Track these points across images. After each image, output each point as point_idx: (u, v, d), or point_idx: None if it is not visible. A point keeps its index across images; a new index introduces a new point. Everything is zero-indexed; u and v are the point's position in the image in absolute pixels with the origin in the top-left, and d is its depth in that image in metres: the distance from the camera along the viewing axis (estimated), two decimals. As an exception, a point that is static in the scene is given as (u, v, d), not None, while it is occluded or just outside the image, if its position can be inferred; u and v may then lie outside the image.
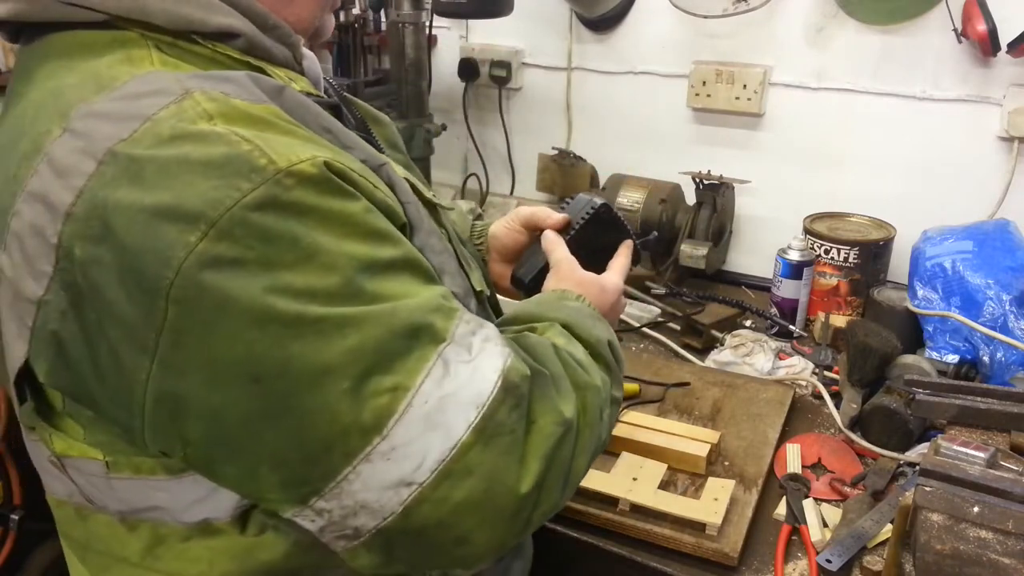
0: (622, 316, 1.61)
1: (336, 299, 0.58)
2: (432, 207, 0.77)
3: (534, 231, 1.01)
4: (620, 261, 0.98)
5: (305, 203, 0.58)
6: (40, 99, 0.64)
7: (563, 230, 0.98)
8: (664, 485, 1.10)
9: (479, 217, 1.12)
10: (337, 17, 2.05)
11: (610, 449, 1.15)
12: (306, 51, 0.75)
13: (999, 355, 1.27)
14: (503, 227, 1.04)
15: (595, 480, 1.08)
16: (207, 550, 0.68)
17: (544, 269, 0.95)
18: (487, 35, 2.02)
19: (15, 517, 1.87)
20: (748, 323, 1.62)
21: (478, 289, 0.80)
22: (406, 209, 0.70)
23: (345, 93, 0.87)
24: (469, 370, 0.62)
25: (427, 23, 1.79)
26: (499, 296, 1.04)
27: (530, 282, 0.97)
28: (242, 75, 0.63)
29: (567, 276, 0.91)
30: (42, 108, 0.63)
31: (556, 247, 0.94)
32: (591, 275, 0.92)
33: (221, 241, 0.55)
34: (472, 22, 2.04)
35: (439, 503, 0.60)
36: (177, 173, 0.56)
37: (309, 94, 0.70)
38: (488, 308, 0.83)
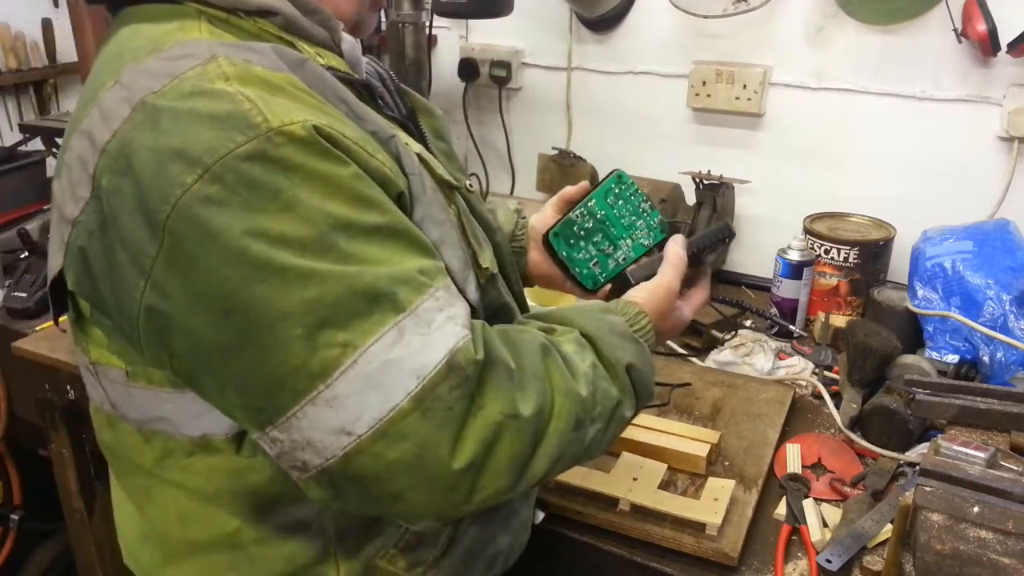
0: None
1: (307, 250, 0.63)
2: (445, 184, 0.81)
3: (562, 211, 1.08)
4: (700, 296, 1.00)
5: (292, 160, 0.64)
6: (107, 58, 0.74)
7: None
8: (664, 485, 1.10)
9: (519, 213, 1.16)
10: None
11: (610, 449, 1.15)
12: (346, 36, 0.82)
13: (999, 355, 1.27)
14: (538, 216, 1.12)
15: (595, 480, 1.09)
16: (206, 466, 0.77)
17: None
18: (487, 35, 2.02)
19: (15, 517, 1.87)
20: (748, 323, 1.62)
21: (484, 266, 0.82)
22: (409, 180, 0.75)
23: (403, 86, 0.96)
24: (422, 342, 0.66)
25: (427, 23, 1.78)
26: (539, 288, 1.12)
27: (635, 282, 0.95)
28: (267, 47, 0.71)
29: (652, 297, 0.91)
30: (106, 64, 0.73)
31: (673, 265, 0.95)
32: (676, 309, 0.94)
33: (213, 184, 0.62)
34: (472, 22, 2.04)
35: (375, 457, 0.65)
36: (187, 123, 0.64)
37: (332, 68, 0.76)
38: (498, 286, 0.86)
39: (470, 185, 0.91)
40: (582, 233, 1.00)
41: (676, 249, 0.98)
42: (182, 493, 0.79)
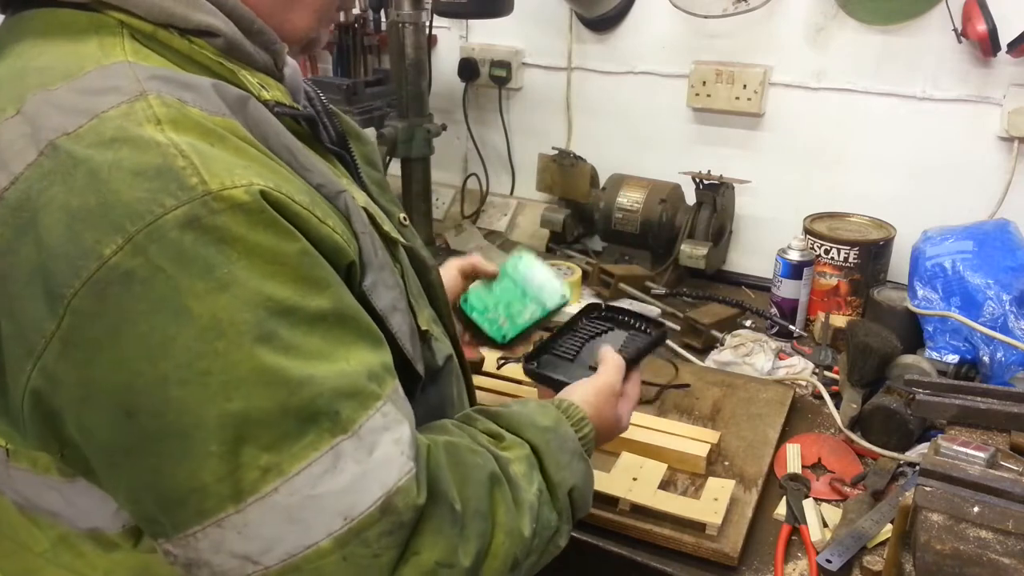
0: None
1: (241, 343, 0.54)
2: (390, 241, 0.73)
3: (468, 278, 1.07)
4: (633, 395, 0.96)
5: (231, 231, 0.54)
6: (5, 76, 0.62)
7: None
8: (664, 485, 1.10)
9: None
10: (337, 17, 2.04)
11: (610, 449, 1.15)
12: (289, 60, 0.73)
13: (999, 355, 1.27)
14: (444, 270, 1.03)
15: (595, 480, 1.08)
16: (106, 562, 0.67)
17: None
18: (487, 35, 2.02)
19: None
20: (748, 323, 1.62)
21: (423, 328, 0.76)
22: (360, 241, 0.66)
23: (331, 107, 0.84)
24: (358, 473, 0.57)
25: (427, 23, 1.78)
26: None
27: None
28: (207, 83, 0.61)
29: (596, 399, 0.88)
30: (3, 86, 0.61)
31: (614, 366, 0.93)
32: (616, 414, 0.91)
33: (135, 257, 0.53)
34: (472, 22, 2.04)
35: None
36: (107, 179, 0.54)
37: (280, 103, 0.67)
38: (432, 346, 0.79)
39: (404, 219, 0.84)
40: (490, 300, 1.11)
41: (612, 354, 0.95)
42: None
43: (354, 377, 0.59)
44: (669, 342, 1.54)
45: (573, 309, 1.14)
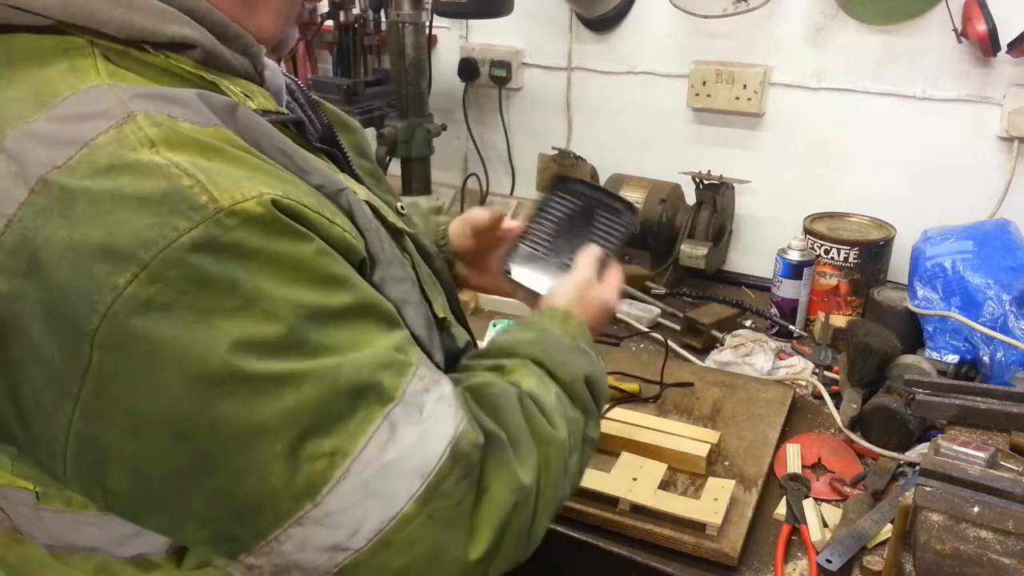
0: (622, 317, 1.61)
1: (277, 351, 0.55)
2: (396, 232, 0.73)
3: (482, 235, 1.04)
4: (614, 278, 0.95)
5: (248, 245, 0.54)
6: None
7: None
8: (664, 485, 1.10)
9: (438, 211, 1.09)
10: (337, 17, 2.05)
11: (610, 449, 1.15)
12: (268, 62, 0.72)
13: (999, 355, 1.27)
14: (456, 232, 1.06)
15: (595, 480, 1.08)
16: None
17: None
18: (487, 35, 2.02)
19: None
20: (748, 323, 1.62)
21: (440, 316, 0.77)
22: (366, 238, 0.66)
23: (314, 97, 0.82)
24: (418, 433, 0.59)
25: (427, 23, 1.79)
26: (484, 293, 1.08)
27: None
28: (191, 95, 0.59)
29: (579, 288, 0.89)
30: None
31: (588, 259, 0.93)
32: (602, 300, 0.90)
33: (153, 284, 0.52)
34: (472, 22, 2.04)
35: (377, 569, 0.59)
36: (110, 208, 0.52)
37: (266, 111, 0.66)
38: (451, 334, 0.80)
39: (401, 207, 0.84)
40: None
41: (587, 250, 0.94)
42: None
43: (384, 352, 0.61)
44: (669, 342, 1.54)
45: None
